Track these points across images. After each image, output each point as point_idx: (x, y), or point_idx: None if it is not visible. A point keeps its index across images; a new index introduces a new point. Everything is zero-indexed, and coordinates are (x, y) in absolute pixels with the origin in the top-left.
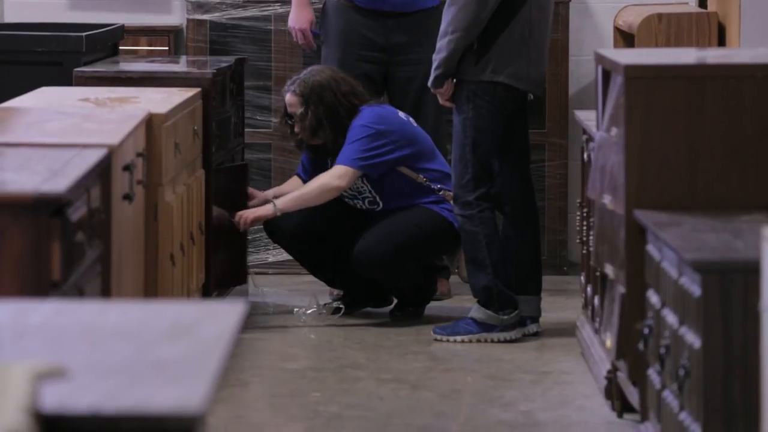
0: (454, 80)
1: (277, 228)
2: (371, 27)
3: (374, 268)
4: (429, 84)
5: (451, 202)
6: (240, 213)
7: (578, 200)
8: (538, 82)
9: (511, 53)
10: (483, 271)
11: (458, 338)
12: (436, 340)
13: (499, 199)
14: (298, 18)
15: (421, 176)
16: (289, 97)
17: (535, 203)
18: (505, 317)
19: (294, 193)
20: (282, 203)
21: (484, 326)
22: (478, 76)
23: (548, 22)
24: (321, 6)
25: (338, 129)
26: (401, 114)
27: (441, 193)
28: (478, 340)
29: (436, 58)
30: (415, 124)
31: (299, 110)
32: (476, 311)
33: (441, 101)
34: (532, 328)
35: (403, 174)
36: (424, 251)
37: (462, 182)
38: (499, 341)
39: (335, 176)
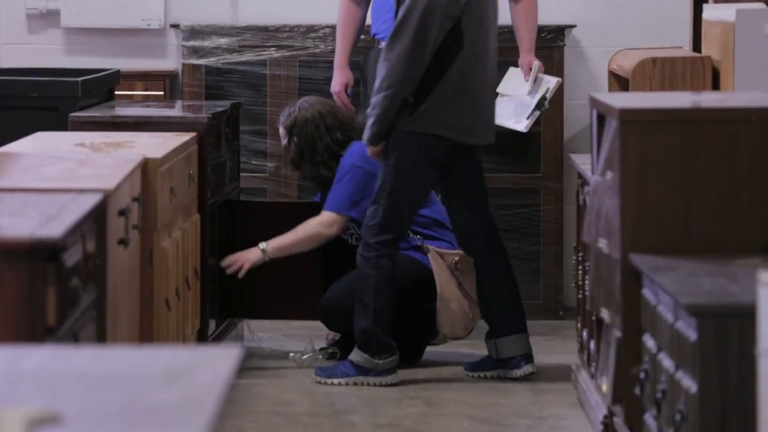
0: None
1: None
2: None
3: (340, 320)
4: (364, 139)
5: (428, 252)
6: (231, 259)
7: (574, 244)
8: (475, 132)
9: (443, 104)
10: (365, 314)
11: (335, 380)
12: (317, 382)
13: (465, 246)
14: (333, 82)
15: None
16: (280, 129)
17: (501, 243)
18: (381, 362)
19: (285, 239)
20: (272, 250)
21: (360, 369)
22: (409, 127)
23: (486, 71)
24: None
25: (319, 163)
26: None
27: (419, 244)
28: (355, 383)
29: (371, 113)
30: None
31: (285, 143)
32: (354, 354)
33: (369, 153)
34: (527, 368)
35: None
36: (401, 298)
37: (369, 224)
38: (374, 385)
39: (325, 224)
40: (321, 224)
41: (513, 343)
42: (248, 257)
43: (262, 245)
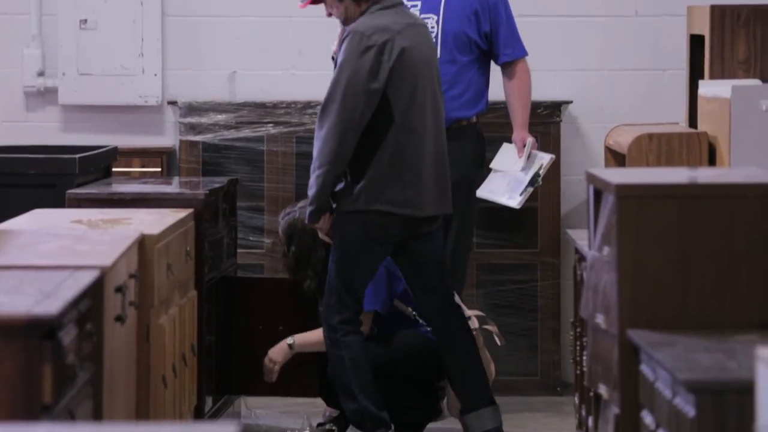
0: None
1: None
2: None
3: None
4: (305, 220)
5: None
6: (266, 364)
7: (571, 320)
8: (420, 204)
9: (383, 180)
10: (350, 395)
11: None
12: None
13: (426, 320)
14: None
15: (409, 309)
16: (280, 232)
17: (462, 317)
18: None
19: (312, 336)
20: (299, 346)
21: None
22: (352, 206)
23: (424, 142)
24: None
25: (313, 274)
26: None
27: (429, 328)
28: None
29: (309, 194)
30: None
31: (282, 249)
32: None
33: (321, 235)
34: None
35: (395, 308)
36: (403, 373)
37: (328, 305)
38: None
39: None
40: None
41: (477, 419)
42: (277, 359)
43: (290, 340)
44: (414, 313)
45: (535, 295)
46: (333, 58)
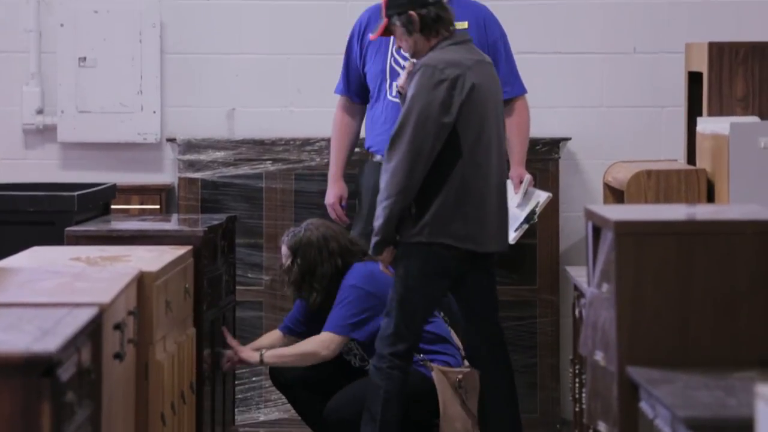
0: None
1: (280, 374)
2: None
3: (341, 428)
4: (370, 251)
5: (432, 371)
6: (229, 353)
7: (570, 357)
8: (482, 240)
9: (448, 214)
10: (372, 424)
11: None
12: None
13: (469, 355)
14: (328, 194)
15: None
16: (282, 248)
17: (507, 358)
18: None
19: (284, 351)
20: (268, 358)
21: None
22: (415, 238)
23: (490, 178)
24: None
25: (320, 287)
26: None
27: (422, 362)
28: None
29: (375, 225)
30: None
31: (287, 263)
32: None
33: (381, 268)
34: None
35: None
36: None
37: (383, 335)
38: None
39: (323, 346)
40: (319, 343)
41: None
42: (245, 356)
43: (263, 351)
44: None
45: (534, 332)
46: (399, 92)
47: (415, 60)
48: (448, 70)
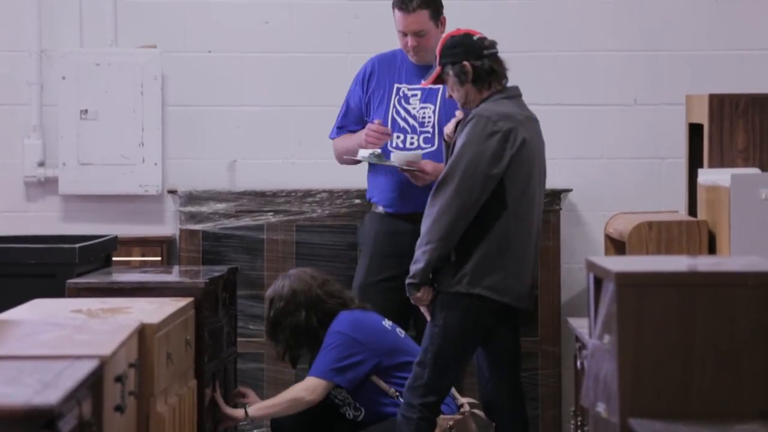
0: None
1: (280, 426)
2: (397, 232)
3: None
4: (407, 292)
5: None
6: (222, 426)
7: (572, 409)
8: (519, 294)
9: (488, 265)
10: None
11: None
12: None
13: (489, 407)
14: (360, 137)
15: (393, 389)
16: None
17: (525, 412)
18: None
19: (268, 402)
20: (254, 411)
21: None
22: (454, 288)
23: (530, 234)
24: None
25: (284, 338)
26: (385, 322)
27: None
28: None
29: (412, 268)
30: (402, 334)
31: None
32: None
33: (422, 309)
34: None
35: (375, 385)
36: None
37: (414, 384)
38: None
39: (308, 390)
40: (303, 389)
41: None
42: (234, 416)
43: (248, 406)
44: (397, 392)
45: (536, 383)
46: (445, 140)
47: (464, 110)
48: (501, 123)
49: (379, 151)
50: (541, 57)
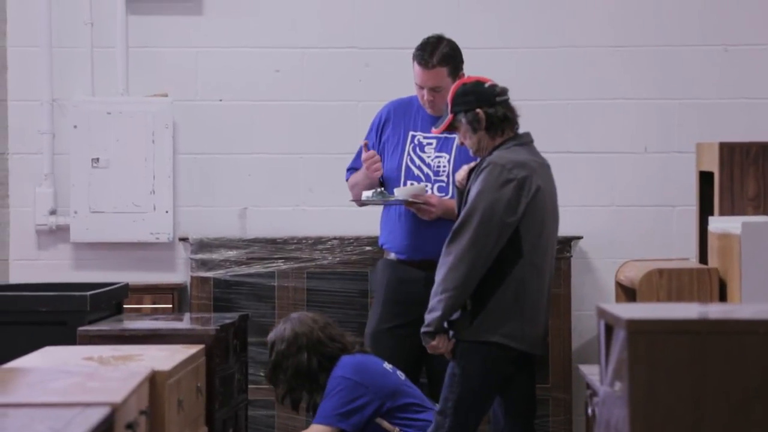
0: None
1: None
2: (409, 279)
3: None
4: (423, 342)
5: None
6: None
7: None
8: (535, 341)
9: (505, 313)
10: None
11: None
12: None
13: None
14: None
15: (397, 429)
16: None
17: None
18: None
19: None
20: None
21: None
22: (471, 336)
23: (544, 280)
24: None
25: (285, 380)
26: (386, 365)
27: None
28: None
29: (428, 317)
30: (402, 376)
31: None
32: None
33: (445, 354)
34: None
35: (379, 427)
36: None
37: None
38: None
39: None
40: None
41: None
42: None
43: None
44: None
45: (546, 430)
46: (457, 187)
47: (475, 157)
48: (516, 171)
49: (381, 189)
50: (552, 105)
